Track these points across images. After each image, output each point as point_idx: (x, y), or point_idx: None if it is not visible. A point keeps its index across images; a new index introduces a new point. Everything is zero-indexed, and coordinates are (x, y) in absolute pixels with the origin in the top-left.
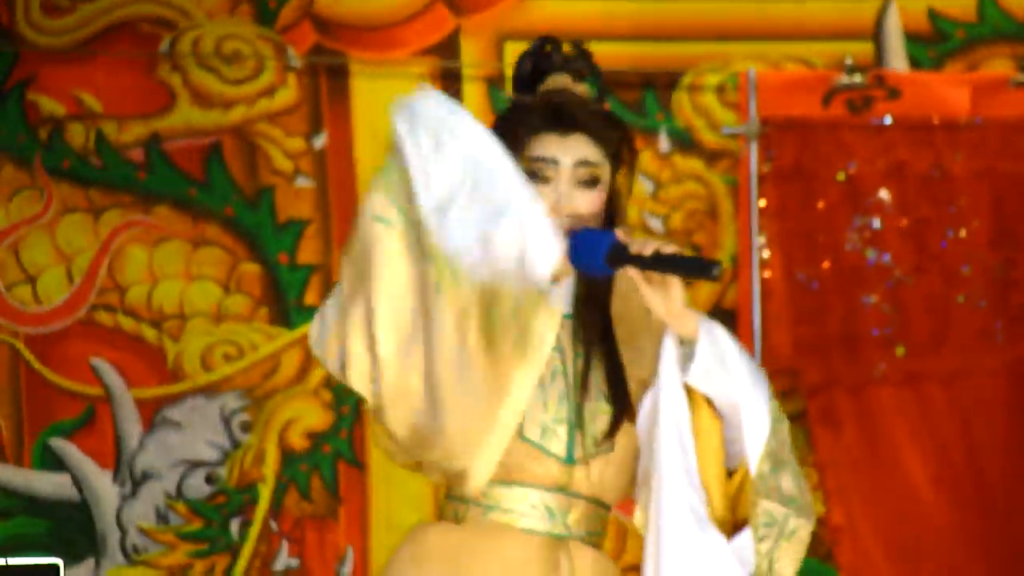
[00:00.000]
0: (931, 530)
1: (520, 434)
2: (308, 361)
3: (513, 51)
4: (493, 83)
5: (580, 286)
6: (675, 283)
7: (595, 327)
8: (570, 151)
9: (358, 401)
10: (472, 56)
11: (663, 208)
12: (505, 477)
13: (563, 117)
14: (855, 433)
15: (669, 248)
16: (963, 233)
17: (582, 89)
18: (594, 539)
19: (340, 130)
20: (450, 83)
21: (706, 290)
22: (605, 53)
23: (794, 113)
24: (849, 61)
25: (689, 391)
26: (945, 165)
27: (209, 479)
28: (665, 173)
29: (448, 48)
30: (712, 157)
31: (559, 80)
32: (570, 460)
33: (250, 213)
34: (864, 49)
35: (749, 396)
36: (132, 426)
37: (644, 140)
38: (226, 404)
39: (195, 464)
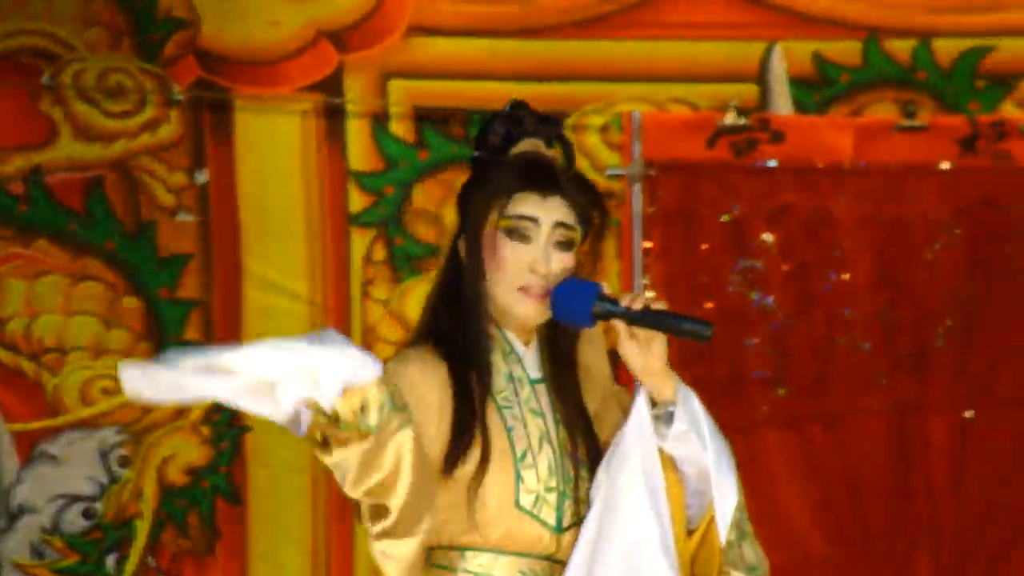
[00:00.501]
0: (814, 571)
1: (516, 503)
2: None
3: (397, 88)
4: (377, 119)
5: (547, 349)
6: (659, 341)
7: (570, 391)
8: (550, 212)
9: (237, 437)
10: (356, 93)
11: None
12: (498, 546)
13: (544, 178)
14: (740, 475)
15: (659, 304)
16: (846, 276)
17: (553, 154)
18: None
19: (222, 165)
20: (333, 119)
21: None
22: (488, 92)
23: (678, 155)
24: (734, 104)
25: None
26: (829, 209)
27: (87, 514)
28: None
29: (332, 84)
30: None
31: (531, 144)
32: (559, 529)
33: (131, 247)
34: (749, 92)
35: (720, 464)
36: (9, 460)
37: None
38: (105, 439)
39: (72, 499)
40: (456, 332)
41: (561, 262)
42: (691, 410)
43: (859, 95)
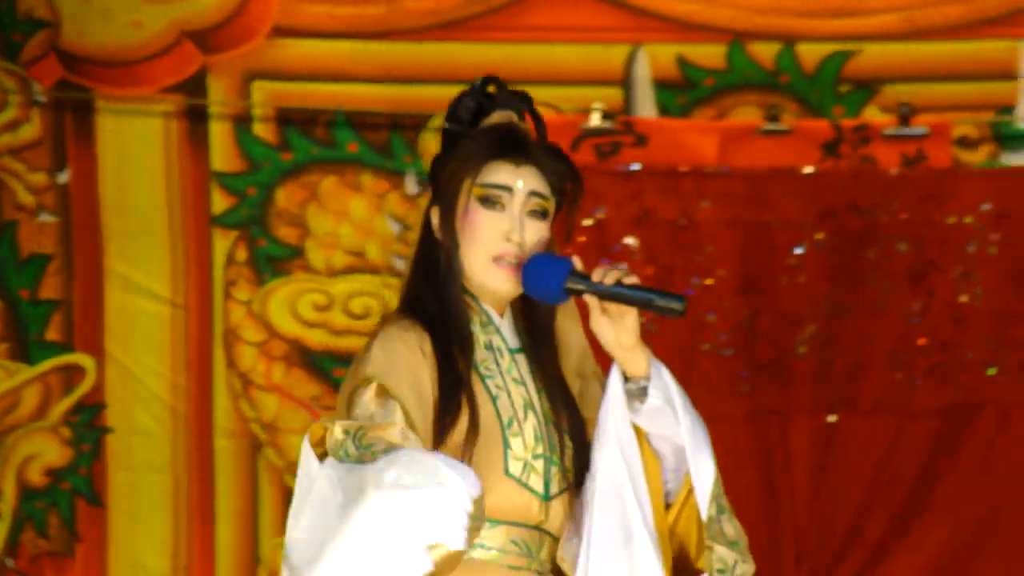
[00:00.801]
0: None
1: (505, 470)
2: (48, 397)
3: (261, 89)
4: (240, 121)
5: (522, 320)
6: (631, 316)
7: (549, 361)
8: (523, 180)
9: (98, 438)
10: (219, 94)
11: (410, 250)
12: (490, 515)
13: (518, 147)
14: None
15: (632, 278)
16: (709, 281)
17: (525, 127)
18: None
19: (84, 166)
20: (196, 120)
21: None
22: (352, 94)
23: None
24: (598, 107)
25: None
26: (692, 213)
27: None
28: (413, 215)
29: (195, 86)
30: None
31: (503, 115)
32: (547, 497)
33: None
34: (613, 95)
35: (696, 439)
36: None
37: (391, 182)
38: None
39: None
40: (435, 303)
41: (536, 231)
42: (664, 384)
43: (723, 98)
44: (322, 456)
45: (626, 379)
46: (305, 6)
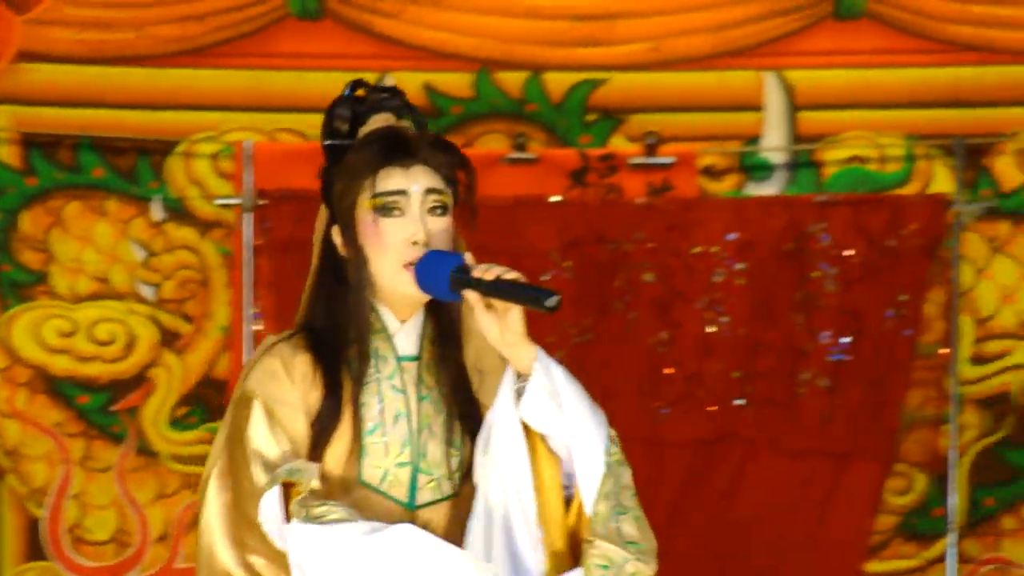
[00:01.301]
0: None
1: (359, 478)
2: None
3: (4, 113)
4: None
5: (429, 326)
6: (515, 312)
7: (445, 368)
8: (416, 181)
9: None
10: None
11: (156, 276)
12: (355, 517)
13: (402, 149)
14: None
15: (510, 275)
16: None
17: (405, 125)
18: None
19: None
20: None
21: (198, 359)
22: (98, 119)
23: (290, 185)
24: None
25: (529, 427)
26: None
27: None
28: (158, 242)
29: None
30: (206, 227)
31: (381, 119)
32: (411, 505)
33: None
34: None
35: (582, 436)
36: None
37: (137, 207)
38: None
39: None
40: (337, 318)
41: (439, 228)
42: (550, 377)
43: (470, 127)
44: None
45: (520, 378)
46: (50, 30)
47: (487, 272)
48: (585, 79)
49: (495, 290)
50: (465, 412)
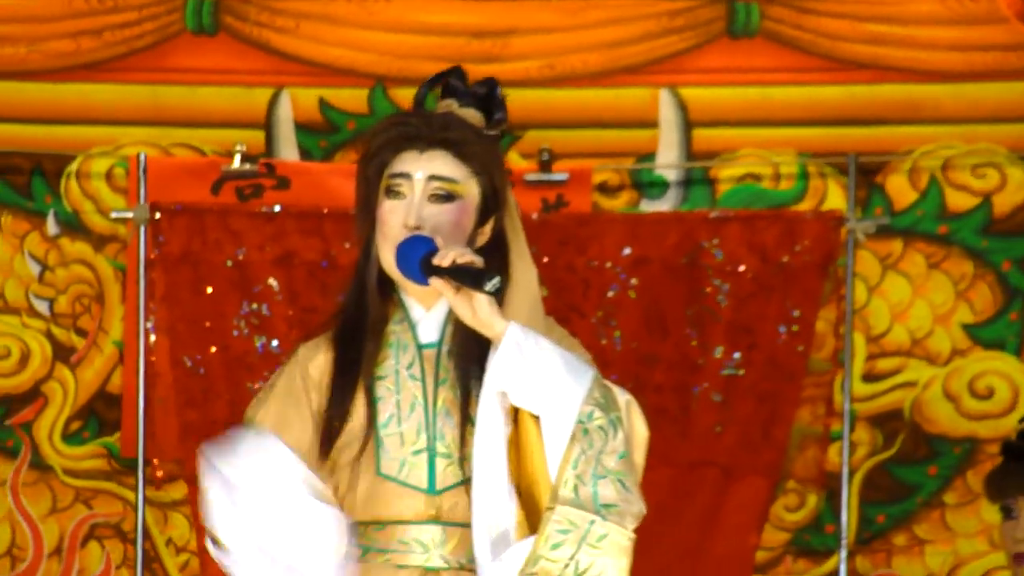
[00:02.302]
0: None
1: (377, 471)
2: None
3: None
4: None
5: (454, 313)
6: (478, 295)
7: (464, 355)
8: (424, 166)
9: None
10: None
11: (50, 291)
12: (374, 517)
13: (420, 133)
14: None
15: (464, 258)
16: None
17: (468, 113)
18: None
19: None
20: None
21: (92, 373)
22: None
23: (184, 199)
24: (240, 148)
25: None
26: (333, 254)
27: None
28: (52, 256)
29: None
30: (100, 241)
31: (444, 104)
32: (432, 490)
33: None
34: (256, 137)
35: (550, 404)
36: None
37: (31, 222)
38: None
39: None
40: (352, 307)
41: (437, 215)
42: (513, 353)
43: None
44: None
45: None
46: None
47: (444, 257)
48: None
49: (449, 274)
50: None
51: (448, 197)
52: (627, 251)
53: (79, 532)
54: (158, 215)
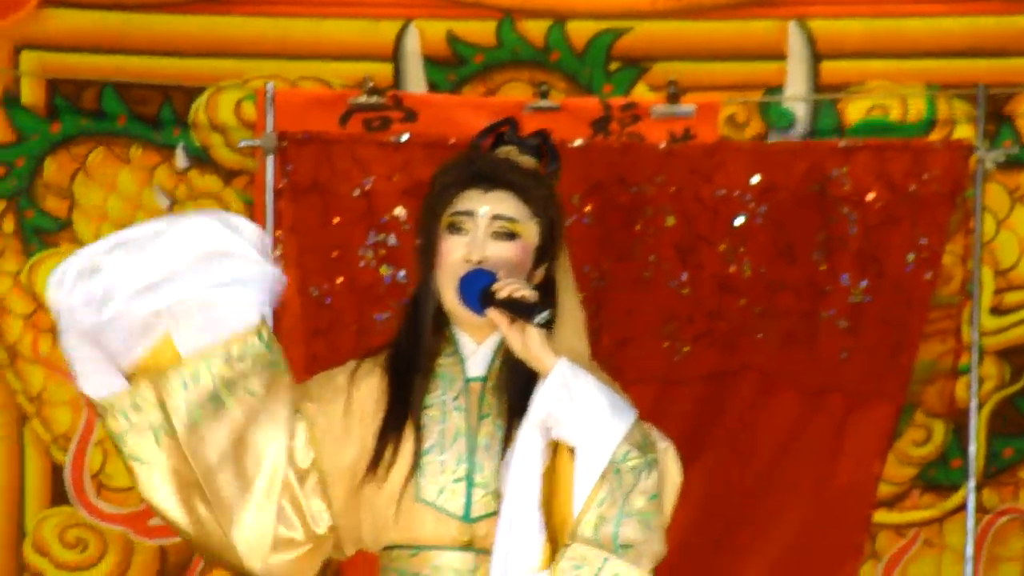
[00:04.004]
0: None
1: (417, 496)
2: None
3: (30, 59)
4: (8, 91)
5: (503, 347)
6: (530, 328)
7: (508, 390)
8: (488, 205)
9: None
10: None
11: None
12: (410, 540)
13: (486, 173)
14: None
15: (520, 292)
16: None
17: (526, 160)
18: None
19: None
20: None
21: None
22: (122, 66)
23: (311, 129)
24: (368, 82)
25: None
26: None
27: None
28: (181, 190)
29: None
30: (229, 175)
31: (504, 151)
32: (467, 518)
33: None
34: (383, 70)
35: (587, 442)
36: None
37: (160, 155)
38: None
39: None
40: (407, 338)
41: (499, 251)
42: (565, 385)
43: (493, 75)
44: None
45: None
46: None
47: (502, 289)
48: (608, 28)
49: (505, 305)
50: None
51: (510, 235)
52: (755, 179)
53: None
54: (285, 144)
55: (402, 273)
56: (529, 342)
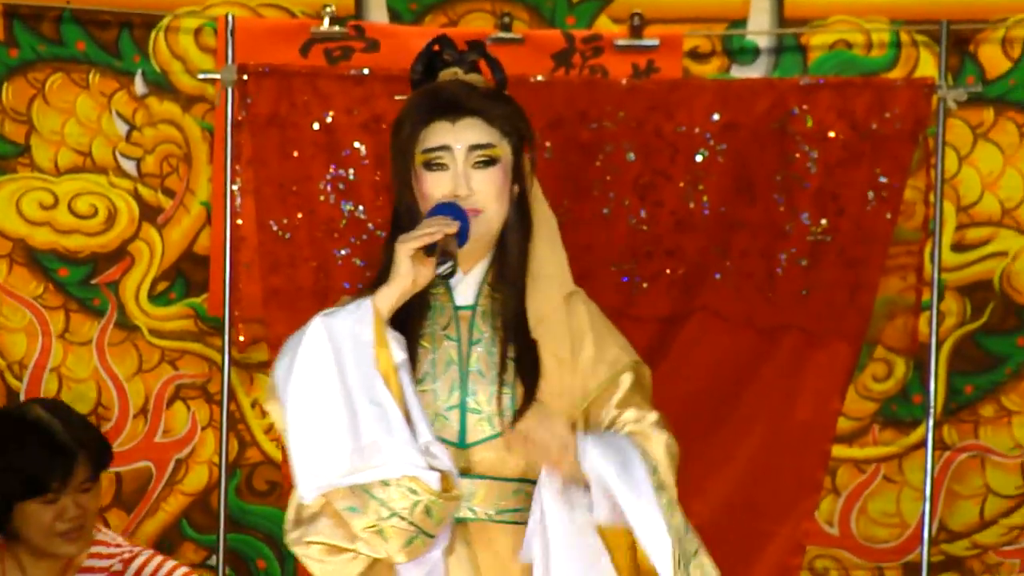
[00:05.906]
0: None
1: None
2: None
3: None
4: None
5: (491, 273)
6: (558, 420)
7: (502, 314)
8: (461, 136)
9: None
10: None
11: (137, 151)
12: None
13: (450, 104)
14: None
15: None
16: None
17: (474, 78)
18: (512, 515)
19: None
20: None
21: (179, 234)
22: None
23: (272, 61)
24: (329, 11)
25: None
26: None
27: None
28: (140, 115)
29: None
30: (188, 101)
31: (449, 73)
32: (463, 444)
33: None
34: (345, 0)
35: (642, 520)
36: None
37: (119, 81)
38: None
39: None
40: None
41: (483, 180)
42: (599, 480)
43: (456, 5)
44: None
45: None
46: None
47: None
48: None
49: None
50: (520, 354)
51: (490, 162)
52: (716, 116)
53: (165, 392)
54: (246, 76)
55: (361, 208)
56: (570, 470)
